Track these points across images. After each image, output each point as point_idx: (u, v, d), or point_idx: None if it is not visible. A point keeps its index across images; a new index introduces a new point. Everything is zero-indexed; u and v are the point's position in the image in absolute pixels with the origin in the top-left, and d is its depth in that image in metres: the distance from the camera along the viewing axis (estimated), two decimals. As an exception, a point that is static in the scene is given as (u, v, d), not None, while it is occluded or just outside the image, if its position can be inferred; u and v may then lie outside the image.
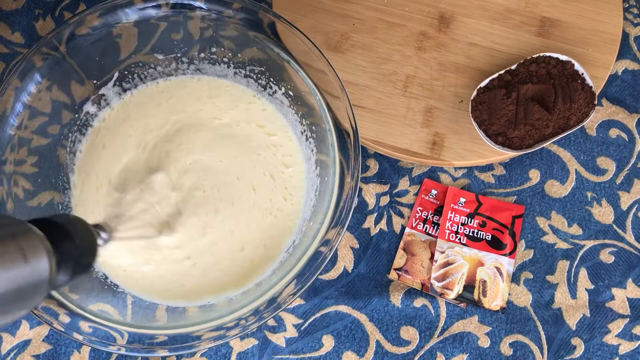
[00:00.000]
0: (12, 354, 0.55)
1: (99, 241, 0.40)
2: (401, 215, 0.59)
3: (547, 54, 0.57)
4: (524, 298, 0.57)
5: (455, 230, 0.58)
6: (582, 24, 0.61)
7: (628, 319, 0.56)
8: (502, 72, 0.57)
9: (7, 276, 0.28)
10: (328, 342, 0.56)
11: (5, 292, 0.27)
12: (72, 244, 0.35)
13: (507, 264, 0.57)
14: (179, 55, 0.54)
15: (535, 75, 0.57)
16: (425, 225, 0.58)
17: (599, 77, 0.59)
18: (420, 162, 0.58)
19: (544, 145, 0.56)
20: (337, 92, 0.48)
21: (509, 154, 0.57)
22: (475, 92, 0.56)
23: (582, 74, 0.56)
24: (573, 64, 0.57)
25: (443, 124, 0.59)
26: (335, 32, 0.61)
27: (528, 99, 0.55)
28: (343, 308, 0.57)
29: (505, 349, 0.56)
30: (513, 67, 0.57)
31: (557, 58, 0.57)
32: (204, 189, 0.52)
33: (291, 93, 0.52)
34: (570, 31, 0.61)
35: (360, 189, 0.59)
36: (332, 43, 0.60)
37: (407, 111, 0.59)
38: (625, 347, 0.56)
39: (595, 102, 0.56)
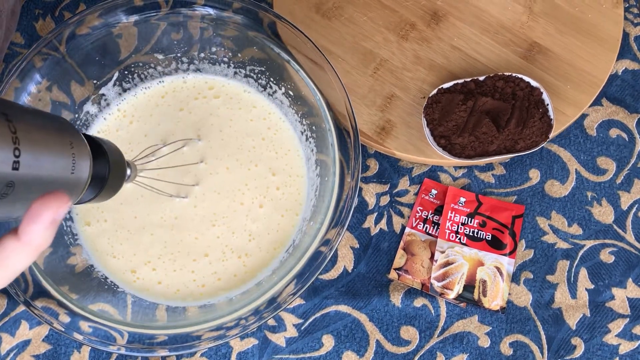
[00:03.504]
0: (12, 354, 0.55)
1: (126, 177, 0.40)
2: (401, 215, 0.59)
3: (520, 75, 0.56)
4: (524, 298, 0.57)
5: (456, 230, 0.58)
6: (569, 60, 0.60)
7: (628, 319, 0.56)
8: (468, 79, 0.57)
9: (56, 164, 0.28)
10: (328, 342, 0.56)
11: (49, 177, 0.27)
12: (106, 168, 0.35)
13: (507, 264, 0.57)
14: (179, 55, 0.54)
15: (500, 92, 0.56)
16: (426, 225, 0.58)
17: (567, 115, 0.58)
18: (364, 142, 0.58)
19: (485, 161, 0.55)
20: (337, 92, 0.48)
21: (448, 160, 0.56)
22: (435, 91, 0.56)
23: (547, 104, 0.56)
24: (541, 92, 0.56)
25: (398, 113, 0.59)
26: None
27: (483, 112, 0.55)
28: (343, 308, 0.57)
29: (505, 348, 0.56)
30: (481, 78, 0.57)
31: (528, 82, 0.56)
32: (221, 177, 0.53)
33: (291, 93, 0.53)
34: (555, 63, 0.60)
35: (360, 189, 0.59)
36: (323, 8, 0.61)
37: (369, 92, 0.59)
38: (625, 346, 0.56)
39: (550, 136, 0.55)
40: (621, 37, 0.61)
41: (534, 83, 0.56)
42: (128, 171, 0.40)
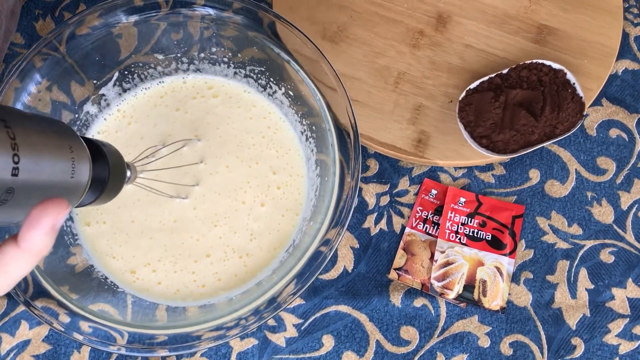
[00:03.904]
0: (12, 354, 0.55)
1: (126, 179, 0.40)
2: (401, 215, 0.59)
3: (540, 60, 0.57)
4: (524, 298, 0.57)
5: (455, 230, 0.58)
6: (580, 35, 0.61)
7: (628, 319, 0.56)
8: (492, 75, 0.57)
9: (56, 169, 0.28)
10: (328, 342, 0.56)
11: (49, 182, 0.27)
12: (106, 171, 0.35)
13: (507, 264, 0.57)
14: (179, 55, 0.54)
15: (526, 81, 0.57)
16: (425, 225, 0.58)
17: (590, 89, 0.59)
18: (404, 158, 0.58)
19: (528, 151, 0.55)
20: (337, 92, 0.48)
21: (493, 158, 0.56)
22: (464, 93, 0.56)
23: (574, 83, 0.56)
24: (565, 73, 0.56)
25: (430, 122, 0.59)
26: (332, 23, 0.61)
27: (516, 104, 0.55)
28: (343, 308, 0.57)
29: (505, 348, 0.56)
30: (504, 71, 0.57)
31: (549, 66, 0.57)
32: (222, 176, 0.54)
33: (291, 93, 0.53)
34: (567, 41, 0.61)
35: (360, 189, 0.59)
36: (328, 34, 0.61)
37: (395, 107, 0.59)
38: (625, 347, 0.56)
39: (584, 113, 0.55)
40: (622, 3, 0.62)
41: (555, 65, 0.56)
42: (128, 173, 0.40)
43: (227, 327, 0.45)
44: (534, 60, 0.57)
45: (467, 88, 0.56)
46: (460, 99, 0.56)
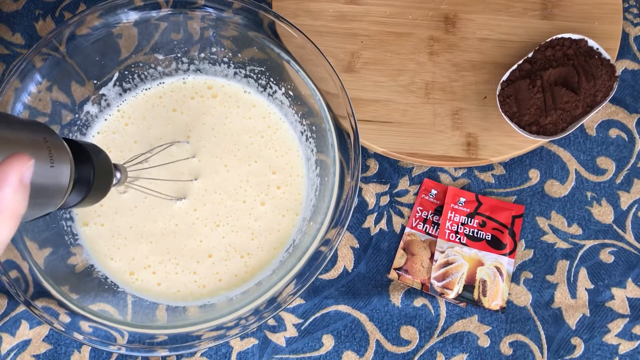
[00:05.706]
0: (12, 354, 0.55)
1: (113, 180, 0.40)
2: (401, 215, 0.59)
3: (559, 35, 0.57)
4: (523, 298, 0.57)
5: (455, 230, 0.58)
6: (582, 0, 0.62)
7: (628, 319, 0.57)
8: (520, 62, 0.57)
9: (35, 170, 0.28)
10: (328, 342, 0.56)
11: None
12: (90, 170, 0.35)
13: (507, 264, 0.57)
14: (179, 55, 0.54)
15: (553, 59, 0.57)
16: (425, 225, 0.58)
17: (610, 49, 0.59)
18: (459, 165, 0.58)
19: (577, 126, 0.56)
20: (336, 91, 0.48)
21: (544, 141, 0.57)
22: (499, 87, 0.56)
23: (597, 49, 0.57)
24: (586, 41, 0.57)
25: (473, 123, 0.59)
26: (345, 53, 0.60)
27: (553, 84, 0.55)
28: (343, 308, 0.57)
29: (505, 348, 0.56)
30: (530, 55, 0.57)
31: (569, 38, 0.57)
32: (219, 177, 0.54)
33: (291, 93, 0.53)
34: (572, 9, 0.61)
35: (360, 189, 0.59)
36: (344, 64, 0.60)
37: (435, 117, 0.59)
38: (625, 346, 0.56)
39: (617, 75, 0.56)
40: None
41: (575, 36, 0.57)
42: (118, 175, 0.40)
43: (227, 327, 0.45)
44: (554, 37, 0.57)
45: (501, 81, 0.57)
46: (497, 93, 0.56)
